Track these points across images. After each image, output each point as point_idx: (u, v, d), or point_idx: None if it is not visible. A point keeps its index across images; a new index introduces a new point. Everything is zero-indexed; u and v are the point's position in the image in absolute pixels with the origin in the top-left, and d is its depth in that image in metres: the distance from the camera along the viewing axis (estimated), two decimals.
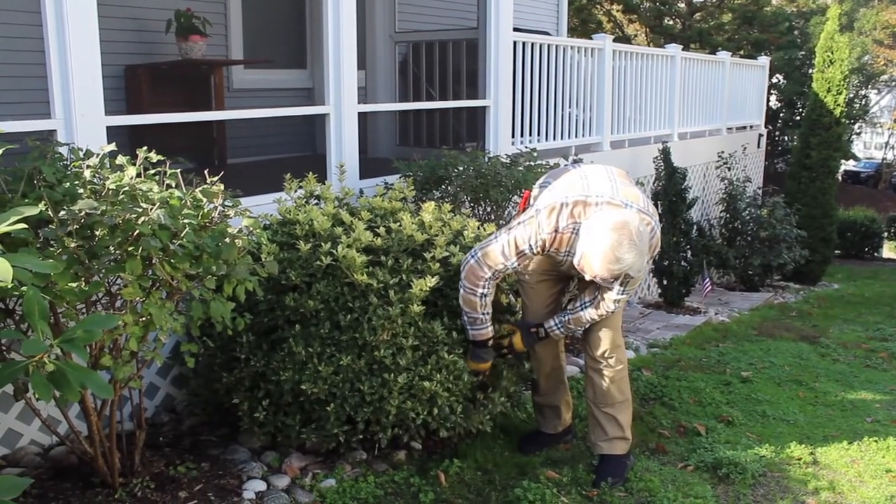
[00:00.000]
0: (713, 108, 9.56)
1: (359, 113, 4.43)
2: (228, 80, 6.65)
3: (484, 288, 3.05)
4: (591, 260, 2.81)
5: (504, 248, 3.00)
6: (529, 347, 3.39)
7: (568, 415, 3.65)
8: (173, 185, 2.75)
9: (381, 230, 3.25)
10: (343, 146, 4.34)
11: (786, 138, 22.44)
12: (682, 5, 23.50)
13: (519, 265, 3.05)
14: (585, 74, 6.86)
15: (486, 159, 4.61)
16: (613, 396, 3.33)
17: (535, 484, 3.19)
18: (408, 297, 3.07)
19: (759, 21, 22.03)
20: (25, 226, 1.85)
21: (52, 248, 2.33)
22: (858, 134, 29.04)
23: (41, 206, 2.21)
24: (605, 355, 3.30)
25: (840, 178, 13.86)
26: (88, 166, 2.67)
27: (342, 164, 4.22)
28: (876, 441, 3.88)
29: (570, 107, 6.68)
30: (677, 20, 23.53)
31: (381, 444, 3.20)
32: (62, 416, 2.85)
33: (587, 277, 2.92)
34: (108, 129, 3.28)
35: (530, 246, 2.98)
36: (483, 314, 3.11)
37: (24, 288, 1.96)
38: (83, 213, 2.31)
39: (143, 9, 5.88)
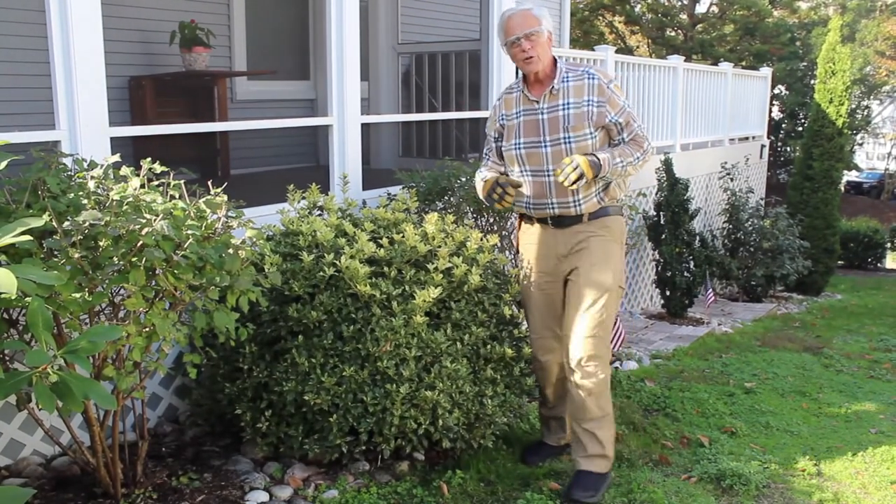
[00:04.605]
0: (715, 119, 9.57)
1: (362, 124, 4.44)
2: (232, 92, 6.68)
3: (487, 152, 3.48)
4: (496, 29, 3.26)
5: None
6: (594, 167, 3.05)
7: None
8: (177, 195, 2.76)
9: (384, 241, 3.25)
10: (346, 157, 4.35)
11: (788, 149, 22.48)
12: (685, 17, 23.58)
13: (493, 132, 3.41)
14: None
15: None
16: (591, 411, 3.23)
17: (538, 495, 3.18)
18: (411, 307, 3.07)
19: (761, 32, 22.10)
20: (30, 237, 1.85)
21: (55, 259, 2.34)
22: (861, 144, 29.08)
23: (45, 217, 2.22)
24: (582, 363, 3.18)
25: (843, 188, 13.85)
26: (92, 177, 2.68)
27: (345, 175, 4.23)
28: (880, 452, 3.87)
29: None
30: (679, 31, 23.61)
31: (384, 455, 3.19)
32: (65, 426, 2.85)
33: (504, 41, 3.18)
34: (112, 139, 3.30)
35: (494, 109, 3.40)
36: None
37: (27, 299, 1.96)
38: (87, 223, 2.32)
39: (147, 20, 5.91)
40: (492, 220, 4.51)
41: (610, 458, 3.30)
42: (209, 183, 2.90)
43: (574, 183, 3.02)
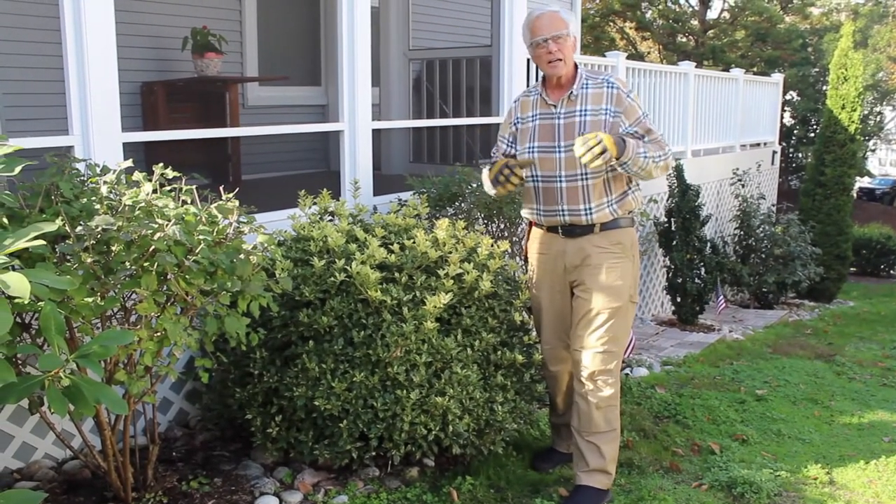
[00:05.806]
0: (727, 125, 9.54)
1: (373, 130, 4.45)
2: (243, 97, 6.71)
3: (494, 152, 3.49)
4: (522, 28, 3.25)
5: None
6: (619, 147, 2.96)
7: None
8: (189, 201, 2.77)
9: (395, 247, 3.26)
10: (357, 163, 4.36)
11: (800, 155, 22.36)
12: (696, 22, 23.53)
13: (507, 135, 3.39)
14: None
15: None
16: (598, 425, 3.18)
17: (548, 502, 3.17)
18: (421, 313, 3.07)
19: (773, 38, 22.02)
20: (43, 242, 1.86)
21: (68, 264, 2.35)
22: (873, 151, 28.89)
23: (58, 222, 2.23)
24: (592, 377, 3.17)
25: (855, 195, 13.76)
26: (105, 182, 2.69)
27: (356, 181, 4.23)
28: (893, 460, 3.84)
29: None
30: (690, 37, 23.57)
31: (394, 461, 3.19)
32: (76, 430, 2.87)
33: (529, 41, 3.18)
34: (125, 145, 3.32)
35: (509, 113, 3.41)
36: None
37: (40, 303, 1.97)
38: (100, 228, 2.33)
39: (159, 26, 5.95)
40: (502, 225, 4.51)
41: (611, 475, 3.23)
42: (221, 188, 2.91)
43: (597, 158, 2.85)
